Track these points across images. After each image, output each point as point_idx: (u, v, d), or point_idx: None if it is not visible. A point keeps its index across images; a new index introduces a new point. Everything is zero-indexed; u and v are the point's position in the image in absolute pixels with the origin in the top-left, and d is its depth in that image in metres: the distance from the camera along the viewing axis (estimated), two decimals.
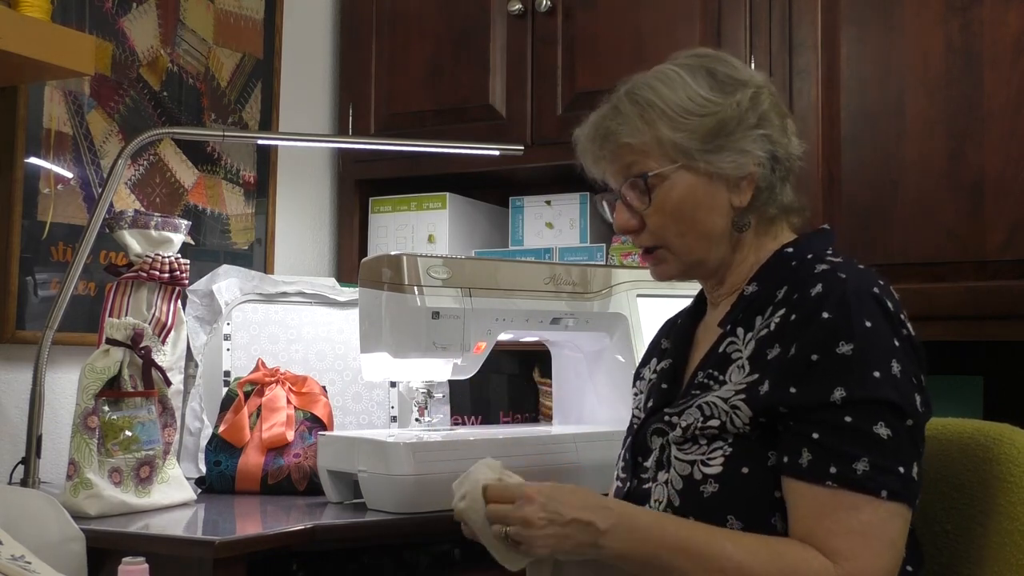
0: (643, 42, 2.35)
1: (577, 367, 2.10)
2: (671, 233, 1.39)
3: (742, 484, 1.27)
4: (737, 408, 1.28)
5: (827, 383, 1.22)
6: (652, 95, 1.38)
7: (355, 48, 2.71)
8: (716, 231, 1.39)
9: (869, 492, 1.19)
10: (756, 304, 1.36)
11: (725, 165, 1.37)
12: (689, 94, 1.37)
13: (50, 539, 1.49)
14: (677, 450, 1.33)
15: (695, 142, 1.36)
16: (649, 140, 1.37)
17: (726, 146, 1.36)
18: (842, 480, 1.20)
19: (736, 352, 1.34)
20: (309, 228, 2.70)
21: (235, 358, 2.17)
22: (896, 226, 2.08)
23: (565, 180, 2.52)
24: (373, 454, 1.72)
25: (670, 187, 1.37)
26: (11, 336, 1.96)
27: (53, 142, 2.05)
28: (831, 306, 1.25)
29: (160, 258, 1.97)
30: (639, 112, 1.38)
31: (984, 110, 2.01)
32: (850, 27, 2.14)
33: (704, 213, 1.38)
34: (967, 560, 1.39)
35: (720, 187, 1.38)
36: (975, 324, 2.00)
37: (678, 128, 1.36)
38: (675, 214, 1.38)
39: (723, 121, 1.37)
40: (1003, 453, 1.37)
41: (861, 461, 1.20)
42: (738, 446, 1.28)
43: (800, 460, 1.22)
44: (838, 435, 1.21)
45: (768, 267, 1.39)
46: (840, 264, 1.32)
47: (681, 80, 1.39)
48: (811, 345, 1.24)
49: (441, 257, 1.80)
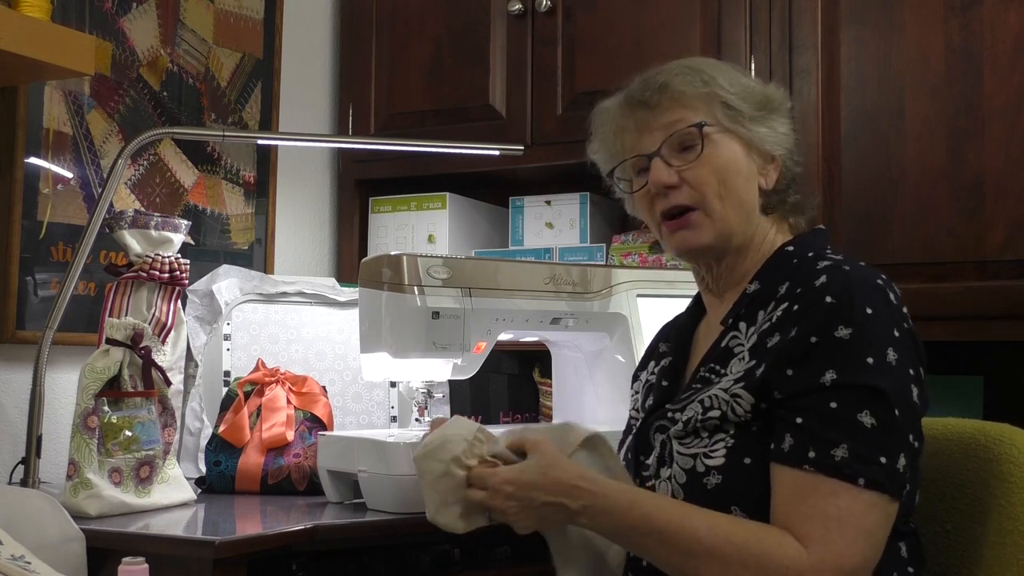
0: (643, 42, 2.35)
1: (577, 367, 2.10)
2: (711, 191, 1.39)
3: (745, 475, 1.27)
4: (738, 396, 1.29)
5: (820, 365, 1.23)
6: (704, 67, 1.43)
7: (355, 48, 2.71)
8: (750, 202, 1.41)
9: (846, 479, 1.19)
10: (758, 300, 1.37)
11: (766, 138, 1.41)
12: (734, 75, 1.44)
13: (50, 539, 1.49)
14: (679, 444, 1.33)
15: (747, 106, 1.40)
16: (706, 94, 1.40)
17: (767, 120, 1.42)
18: (819, 465, 1.20)
19: (738, 346, 1.35)
20: (309, 228, 2.70)
21: (235, 358, 2.17)
22: (896, 226, 2.08)
23: (565, 180, 2.52)
24: (373, 454, 1.72)
25: (715, 147, 1.39)
26: (11, 336, 1.96)
27: (53, 142, 2.05)
28: (834, 292, 1.26)
29: (160, 258, 1.97)
30: (696, 74, 1.42)
31: (984, 110, 2.01)
32: (850, 27, 2.14)
33: (743, 181, 1.41)
34: (968, 560, 1.39)
35: (754, 161, 1.42)
36: (975, 324, 2.00)
37: (732, 92, 1.41)
38: (719, 172, 1.39)
39: (769, 97, 1.44)
40: (1004, 453, 1.37)
41: (840, 447, 1.20)
42: (740, 437, 1.28)
43: (783, 445, 1.23)
44: (820, 420, 1.22)
45: (770, 265, 1.41)
46: (842, 260, 1.34)
47: (726, 65, 1.47)
48: (811, 328, 1.25)
49: (441, 257, 1.80)
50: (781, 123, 1.44)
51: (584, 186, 2.51)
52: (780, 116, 1.44)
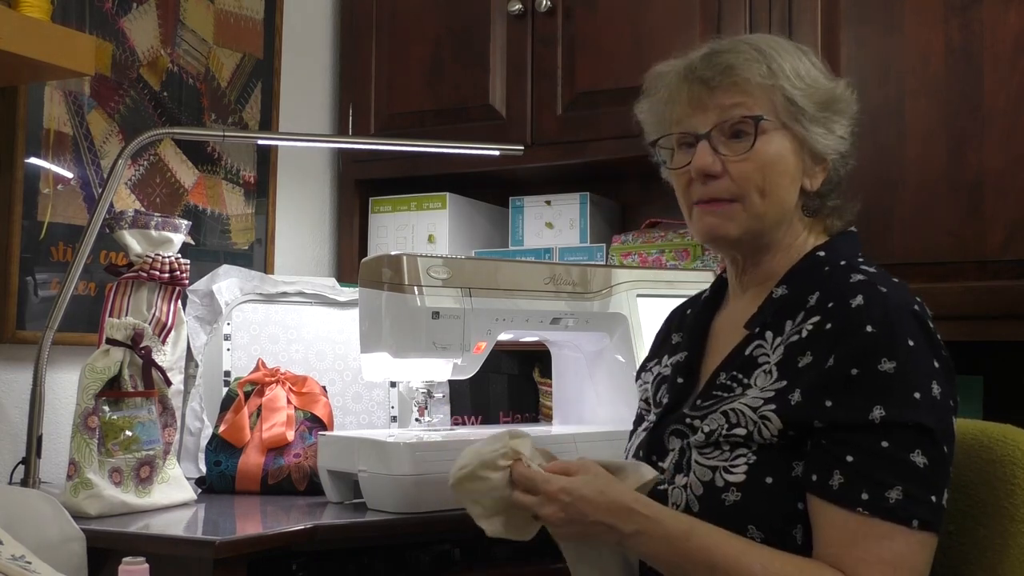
0: (643, 42, 2.34)
1: (577, 367, 2.10)
2: (753, 187, 1.34)
3: (765, 494, 1.24)
4: (767, 419, 1.25)
5: (867, 400, 1.19)
6: (774, 52, 1.35)
7: (355, 48, 2.71)
8: (790, 203, 1.36)
9: (901, 522, 1.17)
10: (786, 308, 1.33)
11: (820, 139, 1.35)
12: (804, 65, 1.36)
13: (50, 539, 1.49)
14: (698, 454, 1.30)
15: (809, 105, 1.34)
16: (769, 86, 1.33)
17: (827, 121, 1.36)
18: (874, 508, 1.17)
19: (763, 356, 1.31)
20: (309, 228, 2.70)
21: (235, 358, 2.17)
22: (896, 226, 2.08)
23: (565, 180, 2.52)
24: (373, 454, 1.72)
25: (767, 142, 1.33)
26: (11, 336, 1.96)
27: (53, 142, 2.04)
28: (874, 320, 1.22)
29: (160, 258, 1.97)
30: (766, 60, 1.34)
31: (984, 110, 2.01)
32: (850, 27, 2.14)
33: (788, 180, 1.35)
34: (970, 562, 1.38)
35: (802, 162, 1.36)
36: (976, 324, 2.00)
37: (797, 87, 1.34)
38: (765, 168, 1.33)
39: (835, 97, 1.37)
40: (1007, 455, 1.37)
41: (895, 489, 1.17)
42: (762, 455, 1.25)
43: (831, 481, 1.19)
44: (873, 460, 1.18)
45: (799, 271, 1.36)
46: (876, 275, 1.29)
47: (796, 50, 1.38)
48: (851, 358, 1.21)
49: (441, 257, 1.80)
50: (841, 125, 1.38)
51: (584, 186, 2.51)
52: (842, 118, 1.38)
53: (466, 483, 1.31)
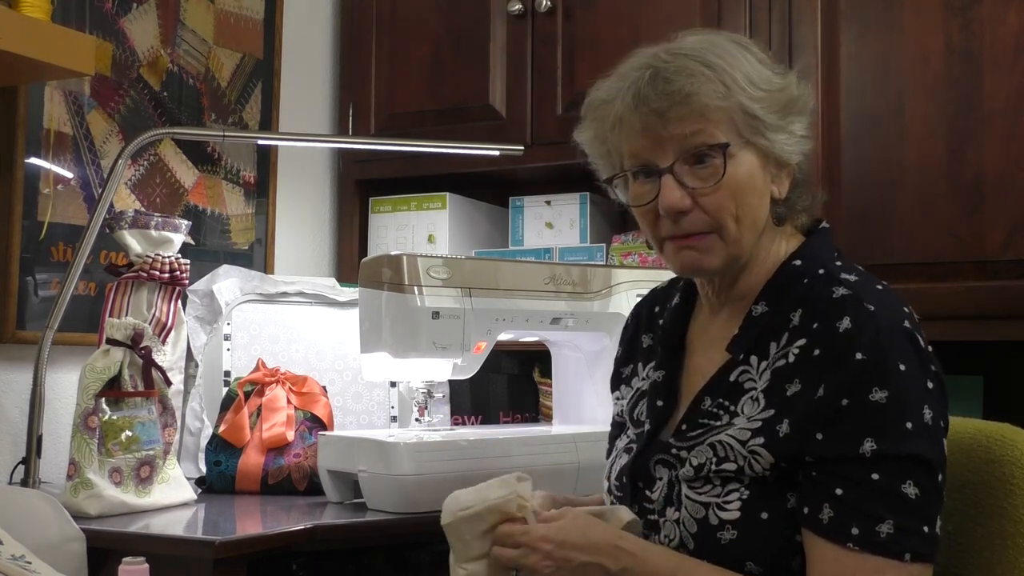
0: (643, 42, 2.30)
1: (577, 367, 2.10)
2: (728, 216, 1.25)
3: (762, 530, 1.20)
4: (757, 454, 1.21)
5: (857, 432, 1.15)
6: (723, 63, 1.25)
7: (355, 48, 2.71)
8: (762, 220, 1.28)
9: (893, 556, 1.14)
10: (768, 328, 1.26)
11: (784, 146, 1.27)
12: (754, 67, 1.27)
13: (50, 539, 1.49)
14: (688, 488, 1.26)
15: (770, 115, 1.25)
16: (730, 106, 1.23)
17: (788, 127, 1.28)
18: (864, 543, 1.14)
19: (749, 382, 1.25)
20: (309, 228, 2.70)
21: (235, 358, 2.17)
22: (896, 226, 2.08)
23: (565, 180, 2.52)
24: (373, 454, 1.72)
25: (736, 164, 1.24)
26: (11, 336, 1.96)
27: (53, 142, 2.05)
28: (863, 347, 1.17)
29: (160, 258, 1.97)
30: (718, 76, 1.23)
31: (984, 110, 2.01)
32: (850, 27, 2.14)
33: (758, 199, 1.27)
34: (968, 562, 1.38)
35: (768, 172, 1.28)
36: (975, 324, 2.00)
37: (755, 99, 1.25)
38: (737, 194, 1.24)
39: (792, 99, 1.28)
40: (1006, 455, 1.37)
41: (886, 523, 1.14)
42: (755, 489, 1.21)
43: (821, 515, 1.16)
44: (863, 493, 1.15)
45: (777, 285, 1.30)
46: (859, 286, 1.23)
47: (740, 51, 1.28)
48: (842, 388, 1.16)
49: (441, 257, 1.80)
50: (801, 125, 1.29)
51: (584, 186, 2.51)
52: (800, 116, 1.29)
53: (464, 524, 1.27)
